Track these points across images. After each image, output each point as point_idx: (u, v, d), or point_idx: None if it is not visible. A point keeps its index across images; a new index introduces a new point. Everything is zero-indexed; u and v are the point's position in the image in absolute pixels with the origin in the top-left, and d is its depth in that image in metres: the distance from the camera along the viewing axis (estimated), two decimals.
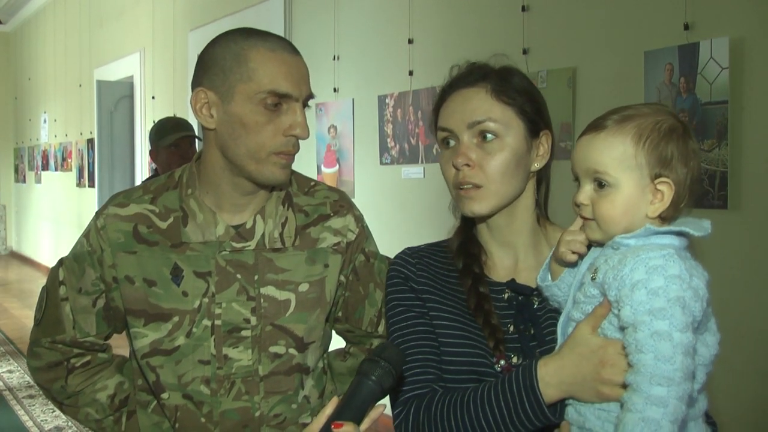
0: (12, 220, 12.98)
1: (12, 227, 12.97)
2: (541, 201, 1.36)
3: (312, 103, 1.40)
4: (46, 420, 4.51)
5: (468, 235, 1.37)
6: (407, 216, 4.06)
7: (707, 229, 1.11)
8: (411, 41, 3.97)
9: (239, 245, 1.40)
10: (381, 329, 1.49)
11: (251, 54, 1.30)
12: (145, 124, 7.26)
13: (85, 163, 8.89)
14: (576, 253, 1.18)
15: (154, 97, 7.11)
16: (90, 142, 8.61)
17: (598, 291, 1.12)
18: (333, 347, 1.59)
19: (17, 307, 8.19)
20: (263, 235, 1.41)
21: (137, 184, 3.54)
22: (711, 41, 2.49)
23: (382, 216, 4.08)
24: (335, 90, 4.52)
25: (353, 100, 4.42)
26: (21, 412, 4.70)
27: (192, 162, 1.45)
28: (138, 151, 7.56)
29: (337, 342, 1.58)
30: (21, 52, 12.02)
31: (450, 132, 1.30)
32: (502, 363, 1.25)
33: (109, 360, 1.53)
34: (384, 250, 1.55)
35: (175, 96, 6.56)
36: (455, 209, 1.37)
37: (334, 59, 4.52)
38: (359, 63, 4.40)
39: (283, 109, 1.31)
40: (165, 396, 1.41)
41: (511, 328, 1.28)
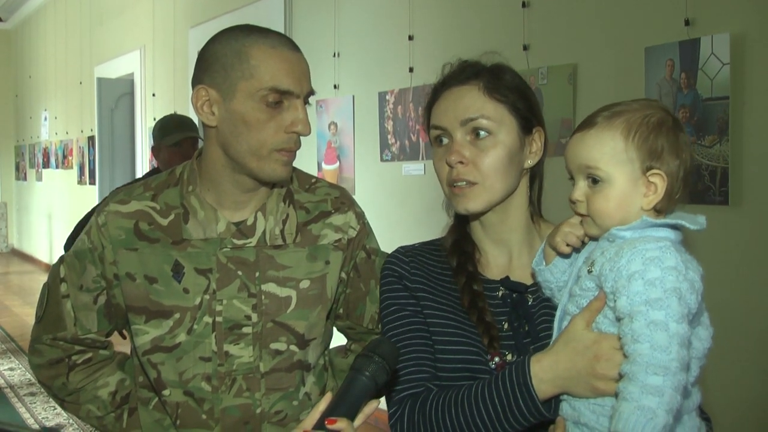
0: (13, 217, 12.99)
1: (13, 225, 12.98)
2: (535, 198, 1.36)
3: (312, 100, 1.40)
4: (47, 417, 4.52)
5: (462, 233, 1.37)
6: (408, 213, 4.07)
7: (702, 224, 1.12)
8: (411, 38, 3.97)
9: (240, 242, 1.40)
10: None
11: (252, 51, 1.30)
12: (146, 121, 7.27)
13: (86, 161, 8.90)
14: (570, 246, 1.19)
15: (154, 95, 7.11)
16: (91, 139, 8.61)
17: (594, 284, 1.13)
18: (334, 344, 1.59)
19: (18, 305, 8.20)
20: (264, 232, 1.41)
21: None
22: (712, 37, 2.49)
23: (382, 213, 4.08)
24: (335, 87, 4.52)
25: (353, 96, 4.42)
26: (22, 409, 4.70)
27: (193, 159, 1.45)
28: (138, 149, 7.57)
29: (339, 339, 1.58)
30: (21, 49, 12.02)
31: (443, 130, 1.30)
32: (496, 360, 1.25)
33: (111, 357, 1.53)
34: (385, 246, 1.55)
35: (176, 93, 6.56)
36: (449, 207, 1.37)
37: (334, 56, 4.52)
38: (359, 60, 4.39)
39: (285, 106, 1.31)
40: (166, 393, 1.41)
41: (506, 325, 1.28)
